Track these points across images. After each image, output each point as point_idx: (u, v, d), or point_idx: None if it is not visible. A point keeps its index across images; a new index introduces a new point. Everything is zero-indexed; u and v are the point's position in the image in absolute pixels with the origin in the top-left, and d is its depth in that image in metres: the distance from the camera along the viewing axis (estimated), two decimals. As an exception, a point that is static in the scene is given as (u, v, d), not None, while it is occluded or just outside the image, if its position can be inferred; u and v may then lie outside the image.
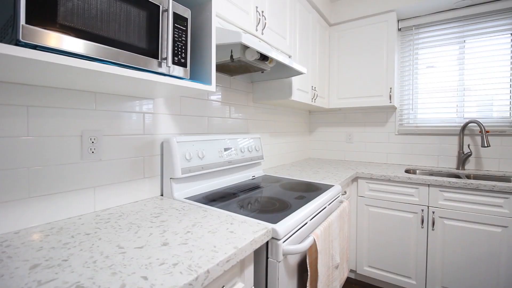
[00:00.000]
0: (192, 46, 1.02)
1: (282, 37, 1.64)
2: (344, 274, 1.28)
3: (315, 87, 2.07)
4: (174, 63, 0.84)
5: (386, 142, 2.41)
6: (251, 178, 1.62)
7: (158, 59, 0.79)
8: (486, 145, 1.80)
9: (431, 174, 2.07)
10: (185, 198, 1.14)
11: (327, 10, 2.30)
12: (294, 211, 0.99)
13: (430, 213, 1.68)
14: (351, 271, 2.04)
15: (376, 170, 1.98)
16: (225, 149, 1.43)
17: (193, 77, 1.01)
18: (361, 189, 1.92)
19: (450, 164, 2.13)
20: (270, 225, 0.85)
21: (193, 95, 1.39)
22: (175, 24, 0.84)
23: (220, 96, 1.58)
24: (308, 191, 1.32)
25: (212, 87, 0.96)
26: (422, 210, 1.70)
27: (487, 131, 1.99)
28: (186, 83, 0.87)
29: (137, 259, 0.63)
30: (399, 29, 2.37)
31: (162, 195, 1.21)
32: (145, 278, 0.55)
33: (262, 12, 1.41)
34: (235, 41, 1.02)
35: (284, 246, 0.84)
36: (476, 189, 1.55)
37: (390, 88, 2.11)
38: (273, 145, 2.14)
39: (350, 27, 2.31)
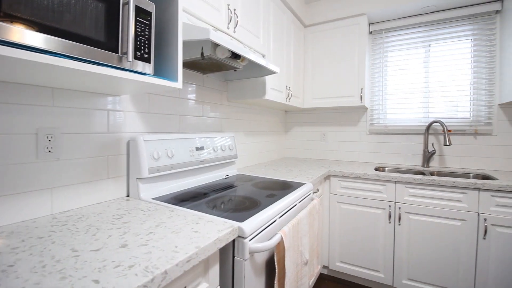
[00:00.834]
0: (158, 42, 0.99)
1: (256, 36, 1.64)
2: (314, 270, 1.30)
3: (289, 87, 2.09)
4: (136, 58, 0.81)
5: (358, 141, 2.49)
6: (224, 177, 1.61)
7: (118, 53, 0.76)
8: (447, 144, 1.92)
9: (399, 172, 2.17)
10: (153, 199, 1.11)
11: (302, 12, 2.34)
12: (262, 210, 1.00)
13: (397, 208, 1.76)
14: (324, 267, 2.09)
15: (348, 168, 2.04)
16: (197, 148, 1.41)
17: (160, 73, 0.98)
18: (333, 187, 1.97)
19: (417, 162, 2.24)
20: (236, 224, 0.84)
21: (163, 92, 1.35)
22: (138, 18, 0.81)
23: (192, 94, 1.55)
24: (279, 189, 1.33)
25: (179, 84, 0.94)
26: (390, 206, 1.78)
27: (449, 131, 2.11)
28: (149, 79, 0.84)
29: (91, 262, 0.60)
30: (370, 32, 2.46)
31: (128, 196, 1.17)
32: (97, 281, 0.53)
33: (234, 10, 1.40)
34: (203, 38, 1.01)
35: (251, 244, 0.84)
36: (438, 185, 1.65)
37: (361, 88, 2.18)
38: (248, 144, 2.14)
39: (324, 28, 2.36)
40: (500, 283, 1.51)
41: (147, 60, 0.84)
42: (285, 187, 1.37)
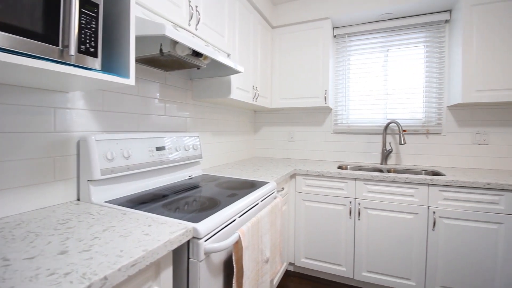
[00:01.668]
0: (108, 36, 0.94)
1: (220, 35, 1.62)
2: (276, 268, 1.32)
3: (256, 87, 2.11)
4: (81, 52, 0.76)
5: (323, 141, 2.58)
6: (188, 178, 1.57)
7: (58, 46, 0.71)
8: (402, 143, 2.05)
9: (360, 169, 2.28)
10: (106, 202, 1.05)
11: (269, 13, 2.37)
12: (221, 210, 0.99)
13: (357, 204, 1.85)
14: (290, 264, 2.13)
15: (313, 166, 2.10)
16: (158, 148, 1.36)
17: (111, 69, 0.93)
18: (299, 185, 2.02)
19: (376, 160, 2.37)
20: (191, 225, 0.82)
21: (116, 89, 1.29)
22: (83, 10, 0.77)
23: (154, 93, 1.50)
24: (242, 188, 1.33)
25: (131, 80, 0.90)
26: (350, 202, 1.86)
27: (404, 131, 2.27)
28: (96, 75, 0.80)
29: (22, 271, 0.55)
30: (335, 36, 2.56)
31: (78, 199, 1.09)
32: (24, 293, 0.49)
33: (196, 7, 1.38)
34: (158, 34, 0.97)
35: (206, 245, 0.83)
36: (393, 181, 1.75)
37: (325, 90, 2.26)
38: (215, 144, 2.12)
39: (290, 30, 2.41)
40: (448, 270, 1.65)
41: (94, 55, 0.80)
42: (248, 187, 1.37)
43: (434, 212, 1.66)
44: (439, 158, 2.19)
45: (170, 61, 1.36)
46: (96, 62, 0.80)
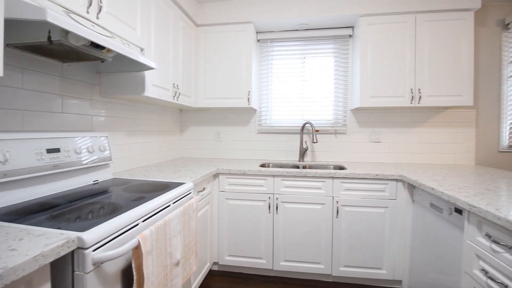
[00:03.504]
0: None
1: (131, 27, 1.51)
2: (191, 269, 1.30)
3: (177, 85, 2.04)
4: None
5: (249, 140, 2.67)
6: (92, 183, 1.41)
7: None
8: (315, 141, 2.29)
9: (281, 167, 2.44)
10: (-33, 216, 0.86)
11: (193, 10, 2.32)
12: (119, 215, 0.92)
13: (275, 199, 1.97)
14: (214, 263, 2.14)
15: (237, 165, 2.15)
16: (50, 151, 1.18)
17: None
18: (222, 184, 2.04)
19: (295, 157, 2.58)
20: (74, 234, 0.74)
21: (-7, 81, 1.07)
22: None
23: (47, 86, 1.30)
24: (153, 191, 1.27)
25: (-4, 70, 0.76)
26: (269, 198, 1.98)
27: (317, 131, 2.53)
28: None
29: None
30: (258, 40, 2.67)
31: None
32: None
33: (98, -6, 1.25)
34: (38, 18, 0.85)
35: (95, 254, 0.76)
36: (305, 176, 1.93)
37: (249, 91, 2.34)
38: (131, 145, 1.96)
39: (216, 30, 2.41)
40: (349, 250, 1.90)
41: None
42: (160, 189, 1.31)
43: (337, 202, 1.90)
44: (345, 154, 2.52)
45: (65, 51, 1.20)
46: None
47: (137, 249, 0.90)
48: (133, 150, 1.98)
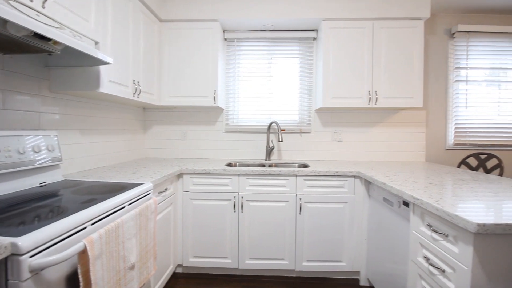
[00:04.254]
0: None
1: (84, 19, 1.42)
2: (149, 273, 1.26)
3: (138, 82, 1.96)
4: None
5: (216, 140, 2.65)
6: (38, 185, 1.31)
7: None
8: (280, 140, 2.33)
9: (248, 166, 2.46)
10: None
11: (155, 5, 2.23)
12: (63, 218, 0.86)
13: (240, 198, 1.98)
14: (179, 265, 2.09)
15: (203, 165, 2.12)
16: (-15, 150, 1.07)
17: None
18: (186, 184, 2.00)
19: (262, 156, 2.61)
20: (7, 240, 0.68)
21: None
22: None
23: (-19, 79, 1.17)
24: (106, 192, 1.20)
25: None
26: (234, 197, 1.98)
27: (283, 130, 2.58)
28: None
29: None
30: (225, 39, 2.65)
31: None
32: None
33: (43, -19, 1.16)
34: (-36, 3, 0.76)
35: (33, 261, 0.70)
36: (270, 174, 1.97)
37: (215, 90, 2.32)
38: (87, 145, 1.85)
39: (181, 27, 2.35)
40: (311, 244, 1.97)
41: None
42: (115, 190, 1.25)
43: (300, 199, 1.95)
44: (309, 153, 2.60)
45: (6, 42, 1.10)
46: None
47: (83, 253, 0.85)
48: (89, 150, 1.87)
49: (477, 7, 2.52)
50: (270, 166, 2.43)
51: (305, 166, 2.35)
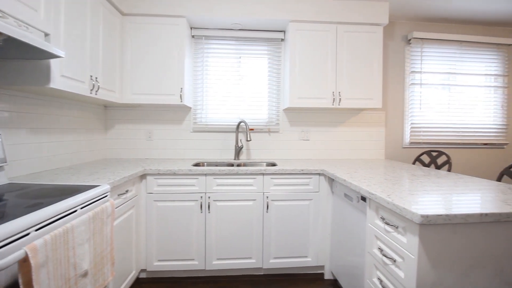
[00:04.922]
0: None
1: (31, 8, 1.30)
2: (105, 280, 1.19)
3: (96, 78, 1.84)
4: None
5: (183, 139, 2.58)
6: (-24, 189, 1.18)
7: None
8: (248, 139, 2.34)
9: (216, 165, 2.43)
10: None
11: (116, -3, 2.12)
12: (0, 224, 0.78)
13: (207, 198, 1.95)
14: (142, 270, 2.01)
15: (168, 166, 2.05)
16: None
17: None
18: (150, 186, 1.93)
19: (230, 156, 2.60)
20: None
21: None
22: None
23: None
24: (56, 196, 1.12)
25: None
26: (201, 197, 1.95)
27: (251, 129, 2.59)
28: None
29: None
30: (193, 36, 2.60)
31: None
32: None
33: (-22, -37, 1.04)
34: None
35: (-42, 273, 0.63)
36: (237, 173, 1.96)
37: (181, 88, 2.26)
38: (38, 145, 1.70)
39: (145, 21, 2.25)
40: (278, 242, 2.00)
41: None
42: (67, 193, 1.17)
43: (267, 197, 1.98)
44: (278, 152, 2.64)
45: None
46: None
47: (25, 262, 0.78)
48: (40, 150, 1.72)
49: (431, 16, 2.74)
50: (238, 165, 2.42)
51: (273, 164, 2.38)
